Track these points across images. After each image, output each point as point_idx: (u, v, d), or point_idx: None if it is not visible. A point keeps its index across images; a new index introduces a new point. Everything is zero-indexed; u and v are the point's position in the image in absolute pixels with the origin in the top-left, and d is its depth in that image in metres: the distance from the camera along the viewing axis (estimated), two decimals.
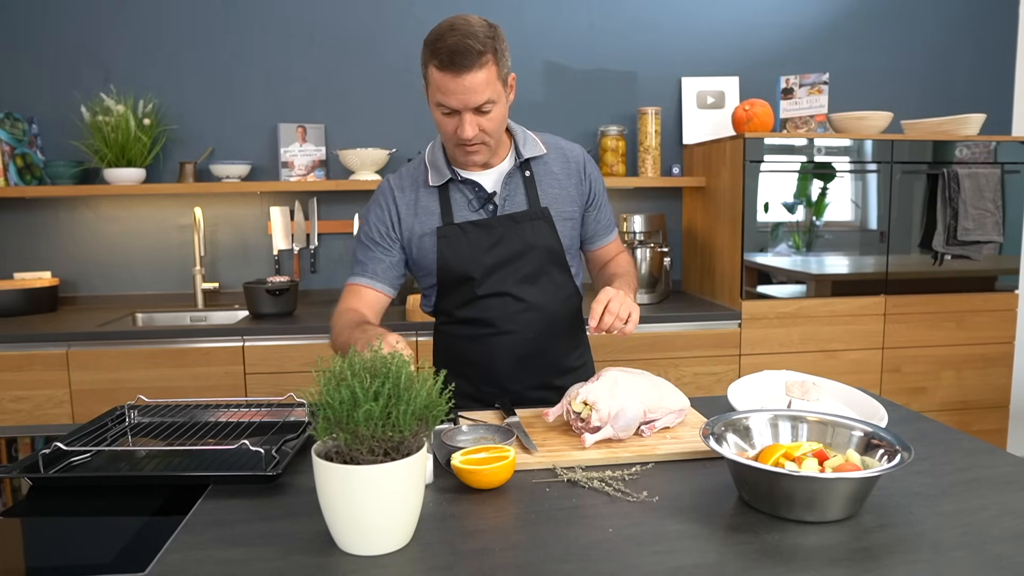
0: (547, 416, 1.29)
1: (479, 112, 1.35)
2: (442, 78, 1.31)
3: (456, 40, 1.28)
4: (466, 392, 1.54)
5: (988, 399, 2.88)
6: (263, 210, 3.01)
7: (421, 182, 1.52)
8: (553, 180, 1.54)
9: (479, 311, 1.51)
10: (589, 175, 1.58)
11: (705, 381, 2.64)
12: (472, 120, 1.35)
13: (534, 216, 1.50)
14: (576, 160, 1.58)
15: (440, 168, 1.50)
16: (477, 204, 1.50)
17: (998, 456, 1.19)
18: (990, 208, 2.74)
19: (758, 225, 2.66)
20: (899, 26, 3.24)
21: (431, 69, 1.33)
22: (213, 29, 2.91)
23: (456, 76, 1.30)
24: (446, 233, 1.48)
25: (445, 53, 1.29)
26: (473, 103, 1.33)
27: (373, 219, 1.53)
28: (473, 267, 1.48)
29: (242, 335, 2.43)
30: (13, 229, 2.91)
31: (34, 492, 1.11)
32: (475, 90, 1.31)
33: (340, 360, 0.91)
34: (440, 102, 1.34)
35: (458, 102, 1.32)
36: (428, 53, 1.33)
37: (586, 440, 1.20)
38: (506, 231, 1.49)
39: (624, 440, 1.25)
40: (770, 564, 0.85)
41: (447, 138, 1.42)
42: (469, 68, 1.29)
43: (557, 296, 1.55)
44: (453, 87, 1.31)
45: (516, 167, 1.52)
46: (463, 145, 1.40)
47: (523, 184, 1.51)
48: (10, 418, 2.35)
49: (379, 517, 0.87)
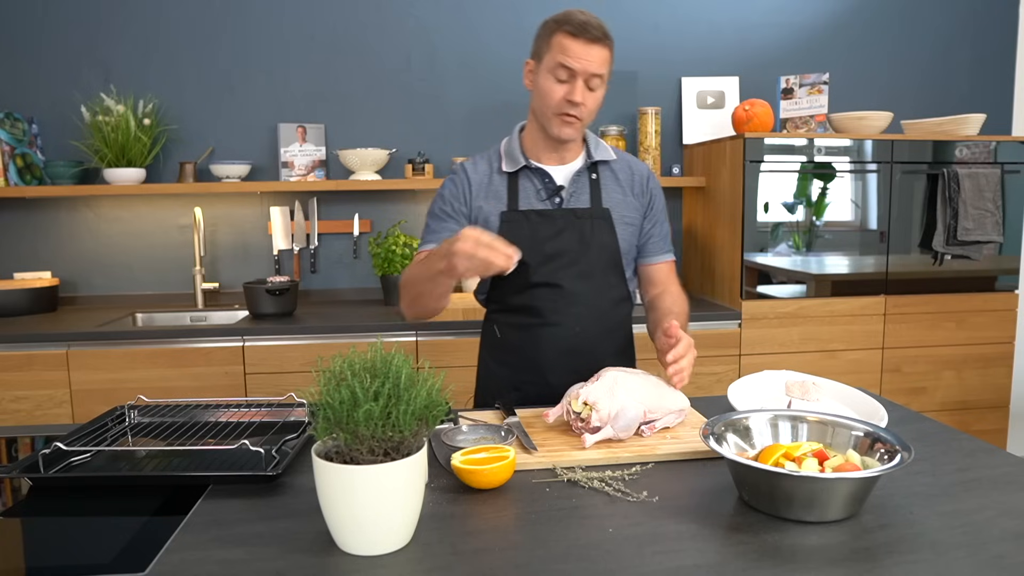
0: (547, 417, 1.29)
1: (589, 85, 1.47)
2: (572, 43, 1.44)
3: (589, 18, 1.46)
4: (506, 381, 1.61)
5: (988, 399, 2.88)
6: (263, 210, 3.01)
7: (495, 168, 1.61)
8: (616, 186, 1.61)
9: (529, 299, 1.56)
10: (651, 189, 1.66)
11: (705, 381, 2.64)
12: (583, 88, 1.47)
13: (596, 215, 1.57)
14: (641, 173, 1.66)
15: (515, 156, 1.58)
16: (545, 194, 1.57)
17: (998, 456, 1.19)
18: (990, 208, 2.74)
19: (758, 225, 2.66)
20: (899, 26, 3.24)
21: (559, 36, 1.45)
22: (213, 29, 2.91)
23: (586, 43, 1.44)
24: (509, 218, 1.55)
25: (579, 24, 1.44)
26: (592, 70, 1.45)
27: (447, 193, 1.61)
28: (530, 254, 1.52)
29: (242, 335, 2.43)
30: (13, 229, 2.91)
31: (34, 492, 1.11)
32: (597, 60, 1.45)
33: (340, 360, 0.91)
34: (562, 63, 1.45)
35: (580, 66, 1.44)
36: (555, 25, 1.47)
37: (586, 440, 1.20)
38: (567, 224, 1.55)
39: (624, 440, 1.25)
40: (770, 564, 0.85)
41: (551, 105, 1.49)
42: (598, 41, 1.45)
43: (608, 296, 1.60)
44: (581, 52, 1.44)
45: (585, 167, 1.59)
46: (564, 114, 1.48)
47: (589, 184, 1.59)
48: (10, 418, 2.35)
49: (379, 517, 0.87)
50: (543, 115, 1.52)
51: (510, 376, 1.62)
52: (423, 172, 2.92)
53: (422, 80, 3.02)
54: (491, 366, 1.67)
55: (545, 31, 1.49)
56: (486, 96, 3.06)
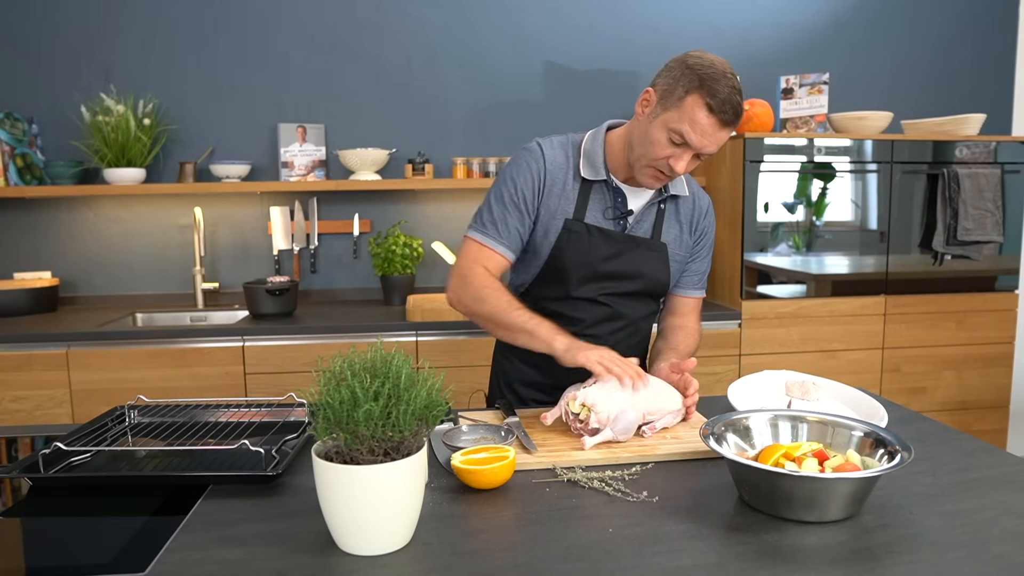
0: (545, 419, 1.29)
1: (697, 156, 1.39)
2: (707, 120, 1.32)
3: (734, 94, 1.31)
4: (529, 380, 1.60)
5: (988, 399, 2.88)
6: (263, 210, 3.01)
7: (572, 165, 1.51)
8: (676, 222, 1.58)
9: (571, 309, 1.54)
10: (705, 226, 1.62)
11: (705, 381, 2.62)
12: (690, 159, 1.38)
13: (654, 248, 1.54)
14: (701, 209, 1.61)
15: (596, 165, 1.50)
16: (612, 213, 1.52)
17: (998, 456, 1.19)
18: (990, 208, 2.74)
19: (758, 225, 2.65)
20: (899, 26, 3.24)
21: (700, 105, 1.31)
22: (213, 29, 2.91)
23: (720, 128, 1.33)
24: (572, 227, 1.49)
25: (725, 102, 1.30)
26: (708, 151, 1.36)
27: (521, 181, 1.49)
28: (583, 270, 1.50)
29: (242, 335, 2.43)
30: (13, 229, 2.91)
31: (34, 492, 1.11)
32: (720, 142, 1.36)
33: (340, 360, 0.91)
34: (685, 135, 1.34)
35: (701, 145, 1.35)
36: (698, 84, 1.31)
37: (586, 443, 1.20)
38: (626, 249, 1.52)
39: (624, 442, 1.25)
40: (770, 564, 0.85)
41: (651, 159, 1.40)
42: (730, 124, 1.34)
43: (643, 316, 1.61)
44: (711, 133, 1.33)
45: (656, 200, 1.54)
46: (659, 171, 1.41)
47: (655, 214, 1.55)
48: (10, 418, 2.35)
49: (379, 517, 0.87)
50: (636, 157, 1.43)
51: (535, 376, 1.59)
52: (423, 172, 2.92)
53: (422, 80, 3.02)
54: (516, 363, 1.62)
55: (684, 80, 1.33)
56: (486, 96, 3.06)
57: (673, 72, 1.35)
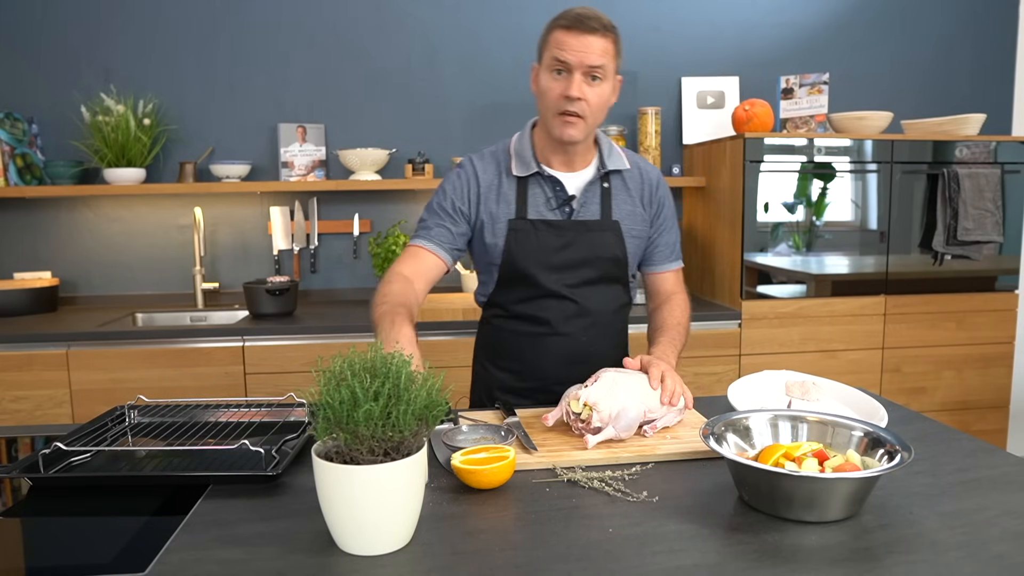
0: (546, 420, 1.29)
1: (589, 78, 1.41)
2: (565, 35, 1.39)
3: (586, 10, 1.41)
4: (507, 386, 1.59)
5: (988, 399, 2.88)
6: (263, 210, 3.01)
7: (504, 168, 1.54)
8: (627, 197, 1.57)
9: (537, 309, 1.53)
10: (660, 198, 1.61)
11: (705, 381, 2.64)
12: (580, 82, 1.40)
13: (605, 227, 1.53)
14: (651, 181, 1.61)
15: (526, 160, 1.52)
16: (555, 203, 1.52)
17: (998, 456, 1.19)
18: (990, 208, 2.74)
19: (758, 225, 2.65)
20: (899, 26, 3.24)
21: (554, 32, 1.41)
22: (213, 29, 2.91)
23: (579, 34, 1.39)
24: (517, 227, 1.51)
25: (573, 16, 1.39)
26: (588, 61, 1.39)
27: (450, 188, 1.54)
28: (537, 266, 1.50)
29: (242, 335, 2.43)
30: (13, 229, 2.91)
31: (34, 492, 1.11)
32: (593, 50, 1.39)
33: (340, 360, 0.91)
34: (556, 57, 1.40)
35: (574, 57, 1.38)
36: (552, 23, 1.43)
37: (589, 441, 1.20)
38: (576, 236, 1.51)
39: (625, 440, 1.25)
40: (770, 564, 0.85)
41: (551, 105, 1.43)
42: (593, 31, 1.39)
43: (612, 305, 1.59)
44: (574, 43, 1.39)
45: (597, 177, 1.54)
46: (564, 114, 1.42)
47: (600, 195, 1.54)
48: (10, 418, 2.35)
49: (379, 517, 0.87)
50: (545, 117, 1.47)
51: (513, 382, 1.59)
52: (423, 172, 2.92)
53: (422, 80, 3.02)
54: (491, 370, 1.64)
55: (544, 31, 1.46)
56: (486, 96, 3.06)
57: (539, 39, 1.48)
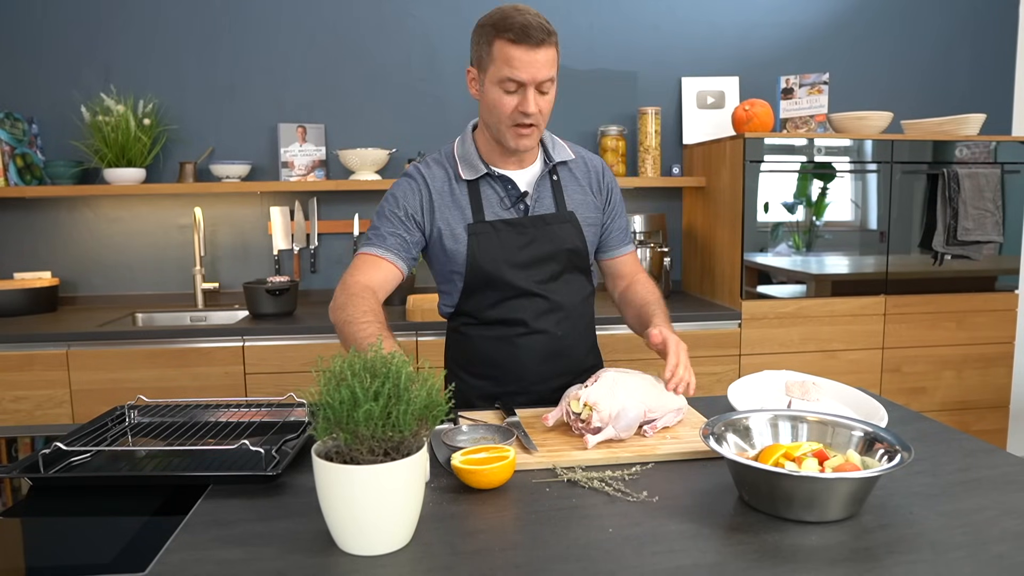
0: (546, 420, 1.29)
1: (540, 90, 1.39)
2: (515, 51, 1.34)
3: (528, 19, 1.34)
4: (486, 393, 1.54)
5: (988, 399, 2.88)
6: (263, 210, 3.01)
7: (452, 174, 1.51)
8: (577, 186, 1.57)
9: (509, 311, 1.51)
10: (607, 184, 1.62)
11: (705, 381, 2.64)
12: (535, 96, 1.38)
13: (562, 219, 1.52)
14: (596, 169, 1.61)
15: (473, 163, 1.50)
16: (509, 201, 1.51)
17: (998, 456, 1.19)
18: (990, 208, 2.74)
19: (758, 225, 2.65)
20: (899, 26, 3.24)
21: (501, 44, 1.35)
22: (213, 29, 2.91)
23: (530, 49, 1.34)
24: (477, 231, 1.48)
25: (520, 28, 1.33)
26: (541, 76, 1.37)
27: (401, 196, 1.49)
28: (504, 267, 1.48)
29: (242, 335, 2.43)
30: (13, 229, 2.91)
31: (34, 492, 1.11)
32: (545, 64, 1.36)
33: (340, 360, 0.91)
34: (509, 76, 1.36)
35: (528, 75, 1.35)
36: (495, 31, 1.36)
37: (589, 441, 1.20)
38: (537, 232, 1.50)
39: (625, 440, 1.25)
40: (770, 564, 0.85)
41: (503, 118, 1.41)
42: (542, 43, 1.35)
43: (579, 296, 1.58)
44: (527, 60, 1.34)
45: (546, 171, 1.54)
46: (519, 126, 1.41)
47: (551, 187, 1.54)
48: (10, 418, 2.35)
49: (379, 517, 0.87)
50: (496, 128, 1.44)
51: (491, 388, 1.55)
52: None
53: (422, 80, 3.02)
54: (466, 379, 1.57)
55: (483, 36, 1.38)
56: None
57: (473, 40, 1.42)
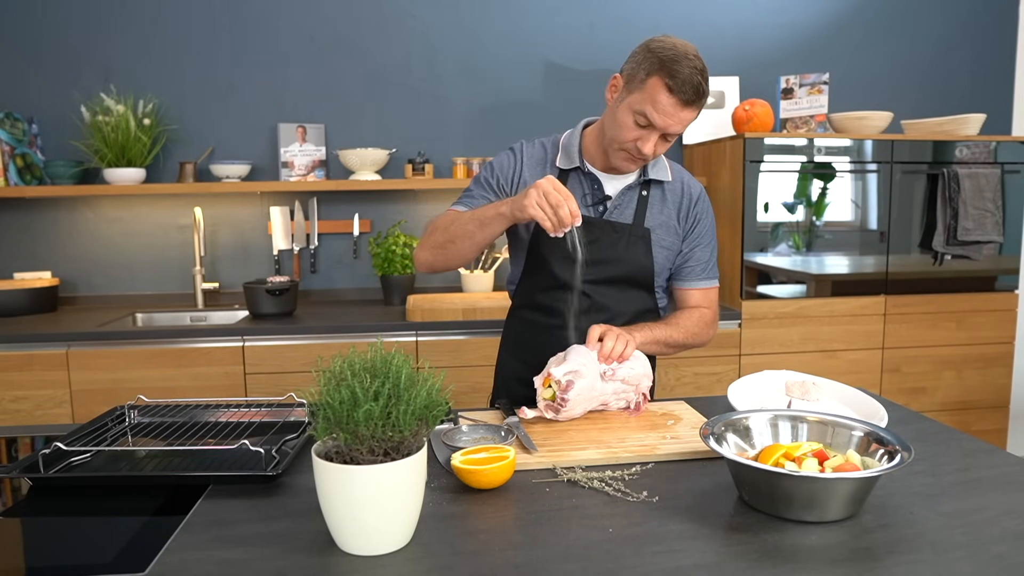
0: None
1: (664, 138, 1.42)
2: (668, 100, 1.35)
3: (694, 74, 1.34)
4: (520, 376, 1.59)
5: (988, 399, 2.88)
6: (263, 210, 3.01)
7: (550, 158, 1.57)
8: (663, 207, 1.57)
9: (553, 300, 1.55)
10: (697, 214, 1.60)
11: (705, 381, 2.64)
12: (658, 142, 1.41)
13: (635, 232, 1.53)
14: (690, 196, 1.60)
15: (572, 154, 1.55)
16: (591, 200, 1.54)
17: (998, 456, 1.19)
18: (990, 208, 2.74)
19: (758, 225, 2.65)
20: (899, 26, 3.24)
21: (657, 82, 1.35)
22: (213, 29, 2.91)
23: (682, 107, 1.36)
24: None
25: (685, 82, 1.33)
26: (674, 131, 1.39)
27: (498, 166, 1.58)
28: (558, 256, 1.52)
29: (242, 335, 2.43)
30: (13, 229, 2.91)
31: (34, 492, 1.11)
32: (684, 122, 1.39)
33: (340, 360, 0.91)
34: (648, 116, 1.37)
35: (665, 125, 1.37)
36: (659, 66, 1.35)
37: (567, 406, 1.27)
38: (603, 235, 1.52)
39: (613, 436, 1.25)
40: (770, 564, 0.85)
41: (620, 142, 1.43)
42: (692, 104, 1.36)
43: (631, 307, 1.58)
44: (672, 113, 1.36)
45: (637, 184, 1.55)
46: (630, 154, 1.44)
47: (637, 200, 1.55)
48: (10, 418, 2.35)
49: (379, 517, 0.87)
50: (608, 142, 1.47)
51: (523, 371, 1.59)
52: (423, 172, 2.92)
53: (422, 80, 3.02)
54: (507, 359, 1.67)
55: (645, 63, 1.37)
56: (486, 96, 3.05)
57: (637, 57, 1.40)
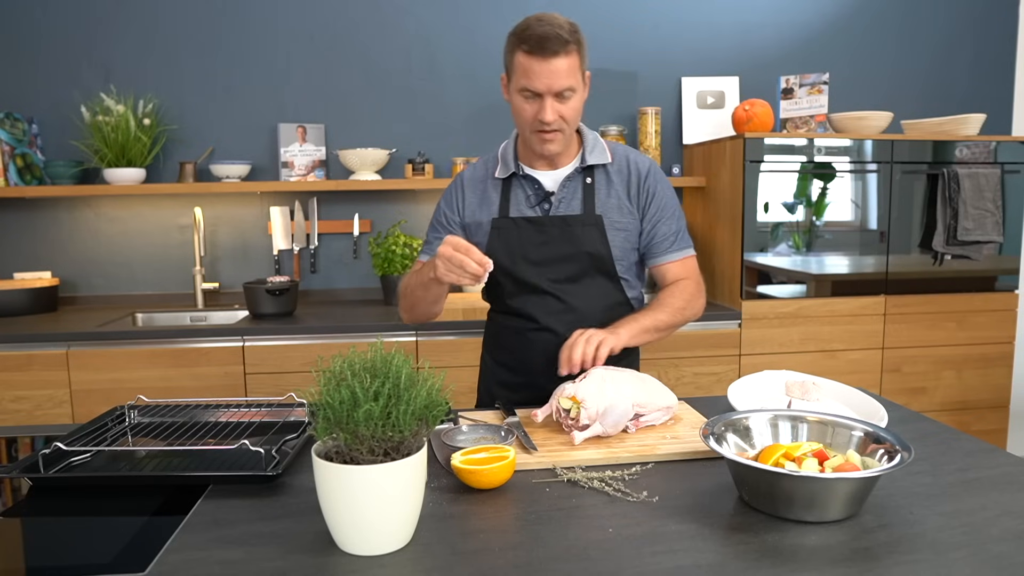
0: (535, 416, 1.30)
1: (559, 98, 1.42)
2: (529, 62, 1.40)
3: (545, 29, 1.38)
4: (503, 380, 1.64)
5: (988, 399, 2.88)
6: (263, 210, 3.01)
7: (490, 174, 1.61)
8: (611, 190, 1.57)
9: (522, 304, 1.58)
10: (649, 187, 1.58)
11: (705, 381, 2.64)
12: (552, 105, 1.42)
13: (587, 222, 1.53)
14: (638, 172, 1.58)
15: (508, 162, 1.58)
16: (534, 200, 1.56)
17: (998, 456, 1.19)
18: (990, 208, 2.74)
19: (758, 225, 2.65)
20: (899, 26, 3.24)
21: (518, 55, 1.41)
22: (213, 29, 2.91)
23: (543, 60, 1.38)
24: (499, 225, 1.56)
25: (534, 39, 1.38)
26: (556, 87, 1.40)
27: (444, 203, 1.63)
28: (519, 262, 1.54)
29: (242, 335, 2.43)
30: (13, 229, 2.91)
31: (34, 492, 1.11)
32: (559, 74, 1.39)
33: (340, 360, 0.91)
34: (525, 86, 1.41)
35: (542, 85, 1.40)
36: (515, 41, 1.42)
37: (575, 438, 1.21)
38: (557, 231, 1.53)
39: (613, 437, 1.25)
40: (770, 564, 0.85)
41: (525, 124, 1.47)
42: (556, 53, 1.38)
43: (601, 302, 1.57)
44: (539, 70, 1.39)
45: (578, 171, 1.56)
46: (541, 132, 1.46)
47: (582, 189, 1.56)
48: (10, 418, 2.35)
49: (379, 517, 0.87)
50: (523, 131, 1.51)
51: (507, 376, 1.65)
52: (423, 172, 2.92)
53: (422, 80, 3.02)
54: (490, 364, 1.70)
55: (508, 46, 1.45)
56: (486, 96, 3.05)
57: (504, 49, 1.48)
